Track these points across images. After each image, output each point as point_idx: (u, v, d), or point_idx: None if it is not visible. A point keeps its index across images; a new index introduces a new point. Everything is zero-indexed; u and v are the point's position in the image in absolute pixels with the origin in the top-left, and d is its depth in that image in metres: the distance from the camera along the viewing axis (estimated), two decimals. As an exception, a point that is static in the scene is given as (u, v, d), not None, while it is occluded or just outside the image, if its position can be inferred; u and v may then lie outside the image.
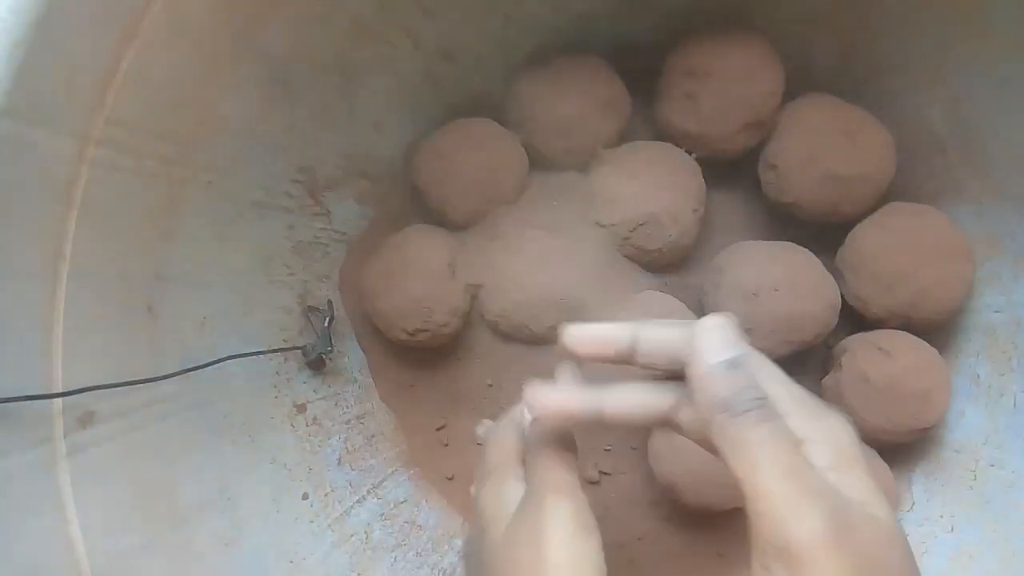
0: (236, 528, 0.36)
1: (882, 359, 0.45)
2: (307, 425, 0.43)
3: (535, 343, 0.47)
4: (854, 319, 0.49)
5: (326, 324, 0.45)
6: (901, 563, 0.20)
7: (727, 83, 0.46)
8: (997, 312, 0.47)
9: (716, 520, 0.46)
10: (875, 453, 0.46)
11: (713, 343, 0.23)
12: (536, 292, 0.46)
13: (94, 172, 0.28)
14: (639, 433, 0.46)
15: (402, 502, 0.47)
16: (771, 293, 0.45)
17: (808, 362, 0.51)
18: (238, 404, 0.38)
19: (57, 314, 0.28)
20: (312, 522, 0.40)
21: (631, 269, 0.48)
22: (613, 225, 0.47)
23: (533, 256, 0.46)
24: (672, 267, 0.50)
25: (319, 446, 0.43)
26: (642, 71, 0.49)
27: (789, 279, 0.45)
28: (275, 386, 0.42)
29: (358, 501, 0.44)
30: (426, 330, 0.45)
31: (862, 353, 0.46)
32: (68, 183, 0.28)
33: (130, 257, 0.32)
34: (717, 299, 0.46)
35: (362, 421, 0.47)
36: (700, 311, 0.48)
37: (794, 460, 0.21)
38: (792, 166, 0.47)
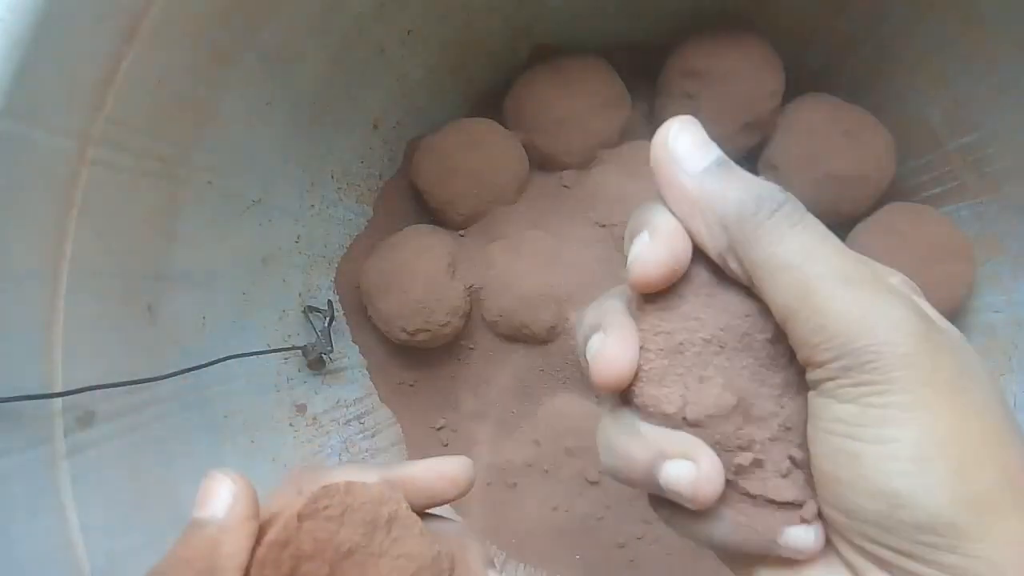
0: (236, 528, 0.36)
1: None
2: (307, 425, 0.43)
3: (535, 343, 0.47)
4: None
5: (326, 324, 0.45)
6: (989, 377, 0.17)
7: (727, 83, 0.46)
8: (997, 312, 0.47)
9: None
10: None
11: (686, 148, 0.18)
12: (536, 292, 0.46)
13: (94, 172, 0.28)
14: None
15: (402, 502, 0.47)
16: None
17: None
18: (238, 404, 0.38)
19: (57, 314, 0.28)
20: (312, 522, 0.40)
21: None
22: (613, 225, 0.47)
23: (533, 256, 0.46)
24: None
25: (319, 446, 0.43)
26: (642, 71, 0.49)
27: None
28: (275, 386, 0.42)
29: (358, 501, 0.44)
30: (426, 330, 0.45)
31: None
32: (68, 183, 0.28)
33: (130, 257, 0.32)
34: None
35: (362, 421, 0.47)
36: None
37: (853, 259, 0.17)
38: (792, 166, 0.47)
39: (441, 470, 0.22)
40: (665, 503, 0.19)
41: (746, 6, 0.47)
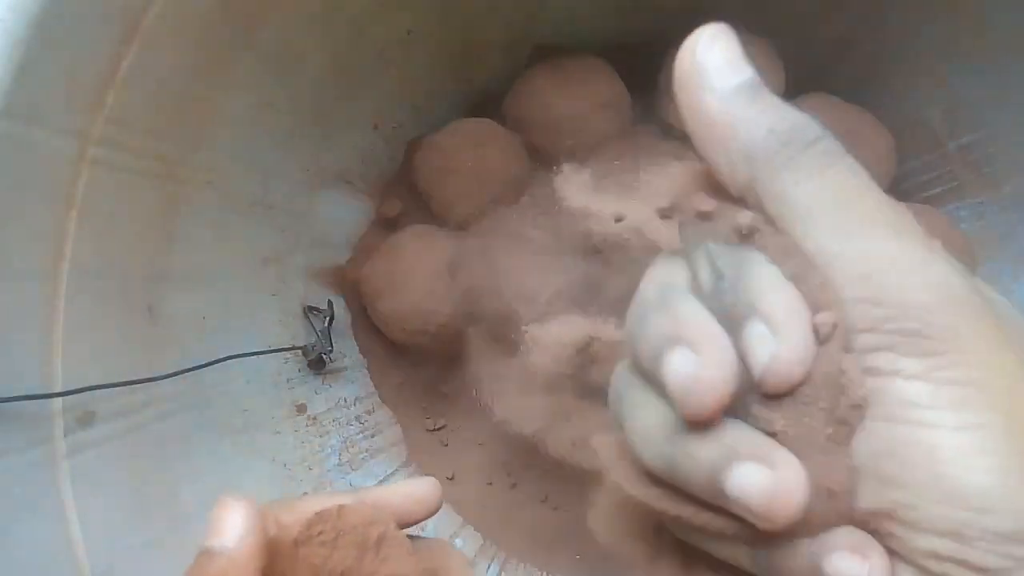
0: (236, 528, 0.36)
1: None
2: (307, 425, 0.43)
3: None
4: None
5: (326, 324, 0.45)
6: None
7: (727, 83, 0.46)
8: (997, 312, 0.47)
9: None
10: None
11: (716, 61, 0.16)
12: (536, 292, 0.45)
13: (94, 172, 0.28)
14: None
15: (402, 502, 0.47)
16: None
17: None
18: (238, 404, 0.38)
19: (57, 314, 0.28)
20: (312, 522, 0.40)
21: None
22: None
23: (534, 256, 0.46)
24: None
25: (319, 446, 0.43)
26: (642, 71, 0.49)
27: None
28: (275, 386, 0.42)
29: (358, 501, 0.44)
30: (426, 330, 0.45)
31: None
32: (68, 183, 0.28)
33: (130, 257, 0.32)
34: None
35: (362, 421, 0.47)
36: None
37: (897, 212, 0.15)
38: (792, 166, 0.47)
39: (411, 492, 0.22)
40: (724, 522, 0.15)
41: (746, 6, 0.47)
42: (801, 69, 0.48)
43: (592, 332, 0.42)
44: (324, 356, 0.44)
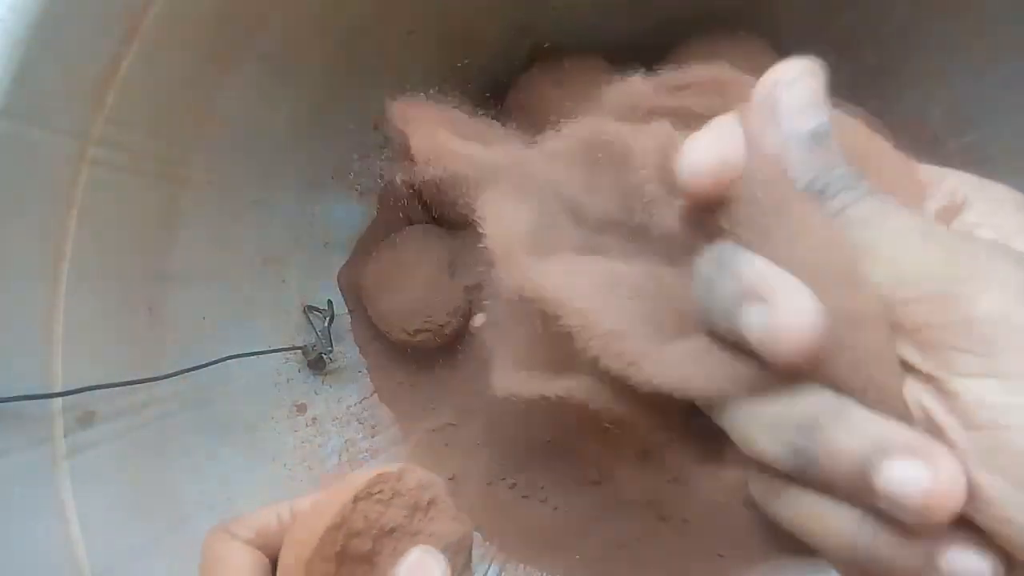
0: (236, 528, 0.36)
1: None
2: (307, 425, 0.43)
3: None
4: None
5: (326, 324, 0.45)
6: None
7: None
8: (997, 312, 0.47)
9: (716, 520, 0.46)
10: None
11: (793, 102, 0.16)
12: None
13: (94, 172, 0.28)
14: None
15: (402, 502, 0.47)
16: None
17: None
18: (238, 404, 0.38)
19: (57, 314, 0.28)
20: (312, 522, 0.40)
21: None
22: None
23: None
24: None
25: (319, 446, 0.43)
26: (642, 71, 0.49)
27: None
28: (275, 386, 0.42)
29: (358, 501, 0.44)
30: (426, 330, 0.45)
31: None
32: (68, 183, 0.28)
33: (130, 257, 0.32)
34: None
35: (362, 421, 0.47)
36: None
37: (928, 221, 0.15)
38: (792, 166, 0.47)
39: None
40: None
41: (746, 6, 0.47)
42: (801, 69, 0.48)
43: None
44: (324, 356, 0.44)
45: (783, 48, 0.47)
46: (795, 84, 0.16)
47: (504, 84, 0.49)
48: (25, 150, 0.25)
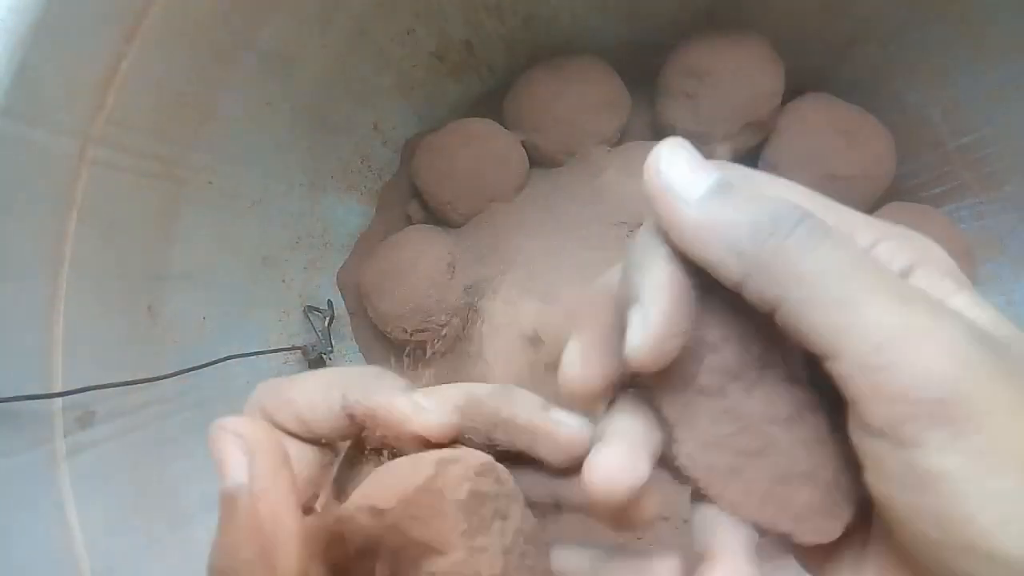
0: (236, 528, 0.36)
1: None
2: (307, 425, 0.43)
3: (534, 342, 0.47)
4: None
5: (326, 324, 0.45)
6: None
7: (727, 83, 0.46)
8: (997, 312, 0.47)
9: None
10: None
11: (680, 173, 0.16)
12: (536, 291, 0.45)
13: (94, 172, 0.28)
14: None
15: (402, 502, 0.47)
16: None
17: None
18: (238, 404, 0.38)
19: (57, 314, 0.28)
20: (312, 522, 0.40)
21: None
22: (613, 224, 0.47)
23: (533, 255, 0.46)
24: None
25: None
26: (642, 71, 0.49)
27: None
28: (275, 386, 0.42)
29: (358, 501, 0.44)
30: (426, 330, 0.45)
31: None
32: (68, 183, 0.28)
33: (130, 257, 0.32)
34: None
35: (362, 421, 0.47)
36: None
37: (897, 280, 0.15)
38: (792, 166, 0.47)
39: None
40: None
41: (746, 6, 0.47)
42: (801, 69, 0.48)
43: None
44: (324, 356, 0.44)
45: (783, 48, 0.47)
46: (673, 159, 0.16)
47: (504, 84, 0.49)
48: (25, 150, 0.25)
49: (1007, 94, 0.43)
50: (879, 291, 0.14)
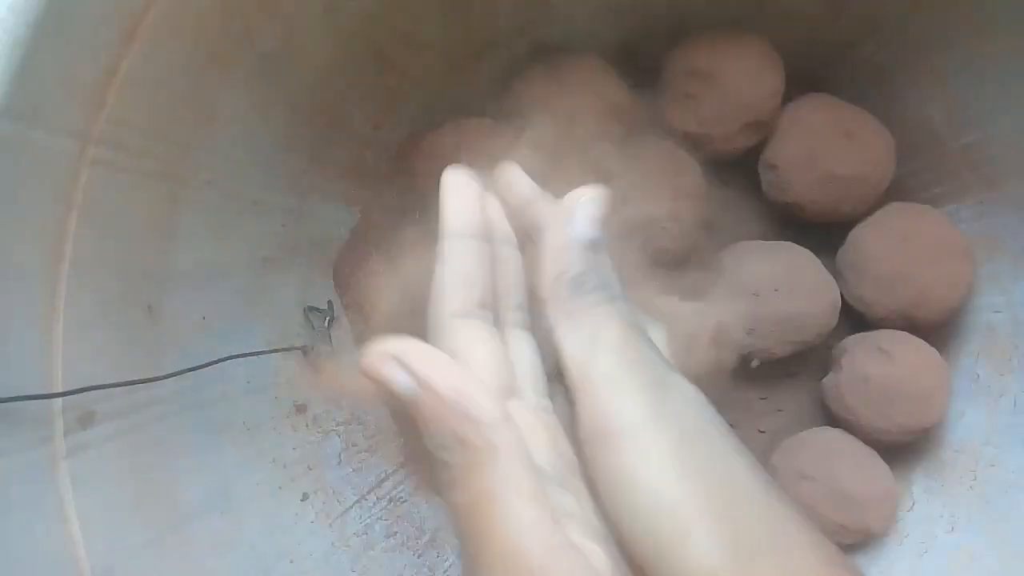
0: (236, 528, 0.36)
1: (883, 360, 0.45)
2: (307, 425, 0.43)
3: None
4: (854, 319, 0.49)
5: (326, 324, 0.45)
6: (711, 422, 0.20)
7: (727, 83, 0.46)
8: (997, 312, 0.47)
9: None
10: (874, 453, 0.46)
11: (586, 217, 0.23)
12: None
13: (94, 172, 0.28)
14: None
15: (402, 502, 0.47)
16: (771, 293, 0.45)
17: (808, 362, 0.51)
18: (238, 404, 0.38)
19: (57, 314, 0.28)
20: (312, 522, 0.40)
21: (631, 269, 0.48)
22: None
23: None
24: (672, 267, 0.50)
25: (319, 446, 0.43)
26: (642, 71, 0.49)
27: (789, 279, 0.45)
28: (275, 386, 0.42)
29: (358, 501, 0.44)
30: (426, 330, 0.45)
31: (862, 353, 0.46)
32: (68, 183, 0.28)
33: (130, 257, 0.32)
34: (716, 299, 0.46)
35: (362, 421, 0.47)
36: (700, 311, 0.48)
37: (629, 337, 0.21)
38: (792, 166, 0.47)
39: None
40: None
41: (746, 6, 0.47)
42: (801, 69, 0.48)
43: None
44: (324, 356, 0.44)
45: (783, 48, 0.47)
46: (587, 205, 0.23)
47: (504, 84, 0.49)
48: (25, 150, 0.25)
49: (1007, 94, 0.43)
50: (608, 349, 0.22)
